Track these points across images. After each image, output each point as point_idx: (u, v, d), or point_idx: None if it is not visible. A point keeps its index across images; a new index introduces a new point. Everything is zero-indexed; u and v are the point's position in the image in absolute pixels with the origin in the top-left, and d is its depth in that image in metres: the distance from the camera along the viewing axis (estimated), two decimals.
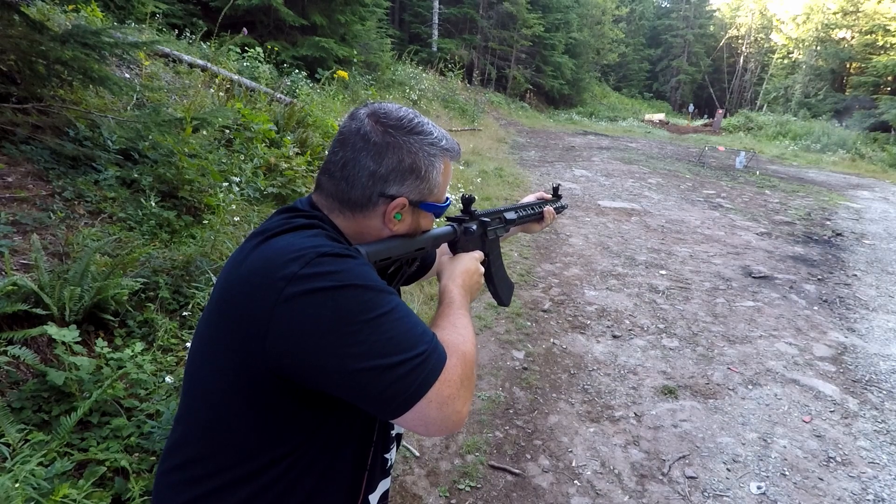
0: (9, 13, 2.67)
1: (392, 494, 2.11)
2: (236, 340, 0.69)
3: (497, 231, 1.15)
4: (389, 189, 0.79)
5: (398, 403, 0.66)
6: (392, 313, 0.67)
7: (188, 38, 7.05)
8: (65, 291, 2.01)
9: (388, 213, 0.80)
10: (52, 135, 2.90)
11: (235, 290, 0.70)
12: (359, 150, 0.78)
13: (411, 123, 0.81)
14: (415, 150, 0.80)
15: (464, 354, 0.74)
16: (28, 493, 1.39)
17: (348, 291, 0.65)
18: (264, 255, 0.69)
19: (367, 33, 11.45)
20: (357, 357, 0.64)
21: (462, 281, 0.92)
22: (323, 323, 0.64)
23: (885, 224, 7.98)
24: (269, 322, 0.65)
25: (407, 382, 0.65)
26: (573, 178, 9.28)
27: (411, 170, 0.80)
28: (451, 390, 0.69)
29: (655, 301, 4.26)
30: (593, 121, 23.62)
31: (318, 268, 0.65)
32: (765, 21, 41.52)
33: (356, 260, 0.70)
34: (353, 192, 0.79)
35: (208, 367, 0.75)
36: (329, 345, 0.64)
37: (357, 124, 0.80)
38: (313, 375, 0.66)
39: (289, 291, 0.64)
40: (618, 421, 2.72)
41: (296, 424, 0.72)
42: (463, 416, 0.71)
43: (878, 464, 2.53)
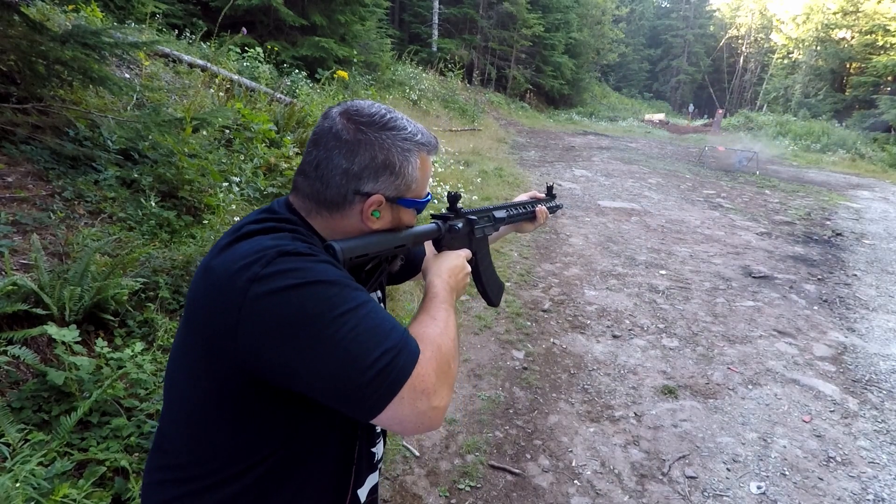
0: (9, 13, 2.67)
1: (392, 494, 2.11)
2: (207, 344, 0.69)
3: (485, 230, 1.12)
4: (364, 186, 0.78)
5: (370, 404, 0.64)
6: (359, 309, 0.66)
7: (188, 38, 7.06)
8: (65, 291, 2.01)
9: (364, 211, 0.80)
10: (52, 135, 2.90)
11: (202, 295, 0.70)
12: (331, 148, 0.77)
13: (383, 119, 0.79)
14: (387, 145, 0.78)
15: (439, 347, 0.72)
16: (28, 492, 1.39)
17: (312, 288, 0.64)
18: (229, 258, 0.69)
19: (367, 33, 11.46)
20: (324, 357, 0.63)
21: (448, 277, 0.90)
22: (289, 321, 0.63)
23: (885, 224, 7.98)
24: (237, 324, 0.64)
25: (377, 382, 0.63)
26: (573, 178, 9.28)
27: (385, 166, 0.79)
28: (425, 385, 0.67)
29: (655, 301, 4.26)
30: (593, 121, 23.62)
31: (279, 265, 0.65)
32: (765, 21, 41.54)
33: (318, 257, 0.69)
34: (328, 191, 0.78)
35: (184, 372, 0.75)
36: (296, 344, 0.63)
37: (329, 123, 0.79)
38: (283, 376, 0.65)
39: (253, 292, 0.64)
40: (618, 421, 2.72)
41: (275, 424, 0.72)
42: (440, 412, 0.69)
43: (878, 464, 2.53)
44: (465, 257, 0.99)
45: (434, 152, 0.87)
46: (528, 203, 1.36)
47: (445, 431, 2.53)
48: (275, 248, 0.67)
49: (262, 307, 0.63)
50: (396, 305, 3.49)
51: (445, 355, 0.73)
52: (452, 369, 0.74)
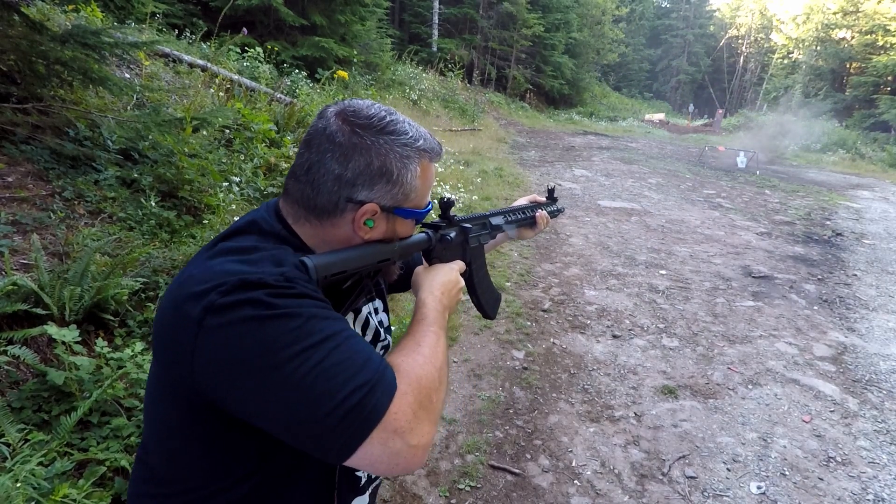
0: (9, 13, 2.67)
1: (392, 494, 2.11)
2: (167, 369, 0.66)
3: (480, 238, 1.04)
4: (357, 194, 0.72)
5: (338, 448, 0.58)
6: (326, 343, 0.59)
7: (188, 38, 7.05)
8: (65, 291, 2.01)
9: (357, 221, 0.74)
10: (52, 135, 2.90)
11: (165, 317, 0.66)
12: (324, 151, 0.72)
13: (382, 122, 0.73)
14: (384, 151, 0.72)
15: (419, 380, 0.65)
16: (28, 492, 1.39)
17: (271, 323, 0.58)
18: (193, 280, 0.64)
19: (367, 33, 11.45)
20: (284, 398, 0.57)
21: (440, 294, 0.84)
22: (244, 358, 0.58)
23: (885, 224, 7.98)
24: (192, 353, 0.60)
25: (346, 424, 0.57)
26: (573, 178, 9.28)
27: (381, 173, 0.72)
28: (400, 423, 0.60)
29: (655, 301, 4.26)
30: (593, 121, 23.62)
31: (238, 295, 0.59)
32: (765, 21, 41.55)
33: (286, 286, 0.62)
34: (319, 197, 0.72)
35: (154, 390, 0.72)
36: (253, 384, 0.58)
37: (324, 123, 0.73)
38: (242, 413, 0.61)
39: (208, 323, 0.59)
40: (618, 421, 2.72)
41: (246, 451, 0.68)
42: (420, 452, 0.62)
43: (878, 464, 2.53)
44: (458, 270, 0.92)
45: (437, 159, 0.80)
46: (526, 208, 1.27)
47: (445, 431, 2.53)
48: (238, 275, 0.61)
49: (217, 340, 0.59)
50: (396, 305, 3.49)
51: (427, 388, 0.66)
52: (435, 402, 0.67)
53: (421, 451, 0.62)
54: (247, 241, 0.70)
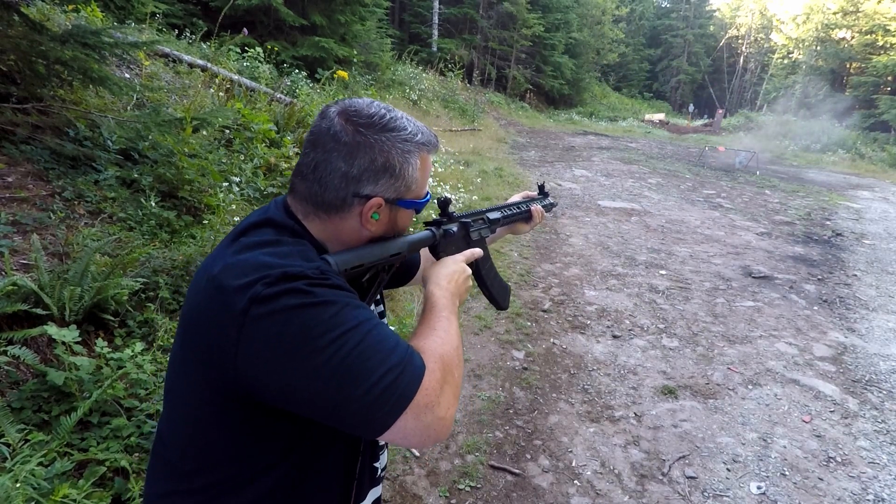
0: (9, 13, 2.67)
1: (392, 494, 2.11)
2: (205, 359, 0.68)
3: (481, 232, 1.11)
4: (363, 189, 0.77)
5: (376, 423, 0.64)
6: (360, 327, 0.65)
7: (188, 38, 7.05)
8: (65, 291, 2.01)
9: (364, 214, 0.78)
10: (52, 135, 2.90)
11: (202, 307, 0.69)
12: (329, 150, 0.76)
13: (383, 120, 0.77)
14: (387, 148, 0.77)
15: (442, 357, 0.72)
16: (28, 493, 1.39)
17: (313, 310, 0.63)
18: (231, 272, 0.67)
19: (367, 33, 11.45)
20: (327, 378, 0.62)
21: (447, 284, 0.88)
22: (290, 343, 0.62)
23: (885, 224, 7.98)
24: (237, 344, 0.64)
25: (382, 400, 0.63)
26: (573, 178, 9.28)
27: (385, 168, 0.77)
28: (430, 398, 0.66)
29: (655, 301, 4.26)
30: (593, 121, 23.62)
31: (282, 286, 0.64)
32: (765, 21, 41.55)
33: (322, 277, 0.67)
34: (327, 194, 0.77)
35: (182, 382, 0.74)
36: (298, 366, 0.62)
37: (327, 124, 0.77)
38: (284, 398, 0.65)
39: (254, 312, 0.63)
40: (618, 421, 2.72)
41: (273, 440, 0.71)
42: (447, 423, 0.68)
43: (878, 464, 2.53)
44: (463, 260, 0.97)
45: (434, 151, 0.85)
46: (521, 203, 1.33)
47: None
48: (280, 268, 0.66)
49: (263, 328, 0.63)
50: (396, 305, 3.49)
51: (449, 365, 0.72)
52: (456, 377, 0.73)
53: (448, 422, 0.69)
54: (267, 234, 0.74)
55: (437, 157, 7.73)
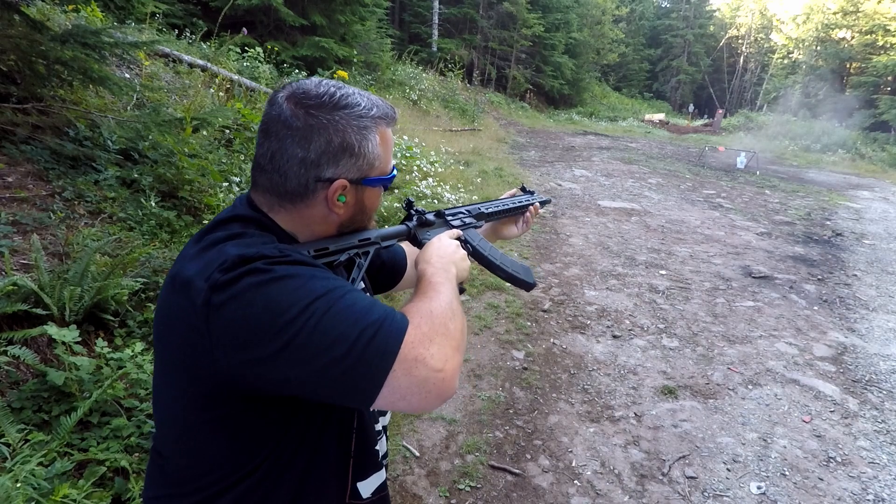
0: (9, 13, 2.67)
1: (392, 494, 2.11)
2: (182, 360, 0.67)
3: (463, 220, 1.06)
4: (325, 173, 0.74)
5: (364, 387, 0.62)
6: (329, 295, 0.63)
7: (188, 38, 7.06)
8: (65, 291, 2.01)
9: (330, 198, 0.75)
10: (52, 135, 2.90)
11: (171, 310, 0.68)
12: (283, 138, 0.72)
13: (333, 99, 0.73)
14: (342, 126, 0.73)
15: (429, 311, 0.70)
16: (28, 493, 1.39)
17: (275, 284, 0.62)
18: (192, 269, 0.66)
19: (367, 33, 11.46)
20: (303, 350, 0.60)
21: (437, 260, 0.86)
22: (256, 323, 0.60)
23: (885, 224, 7.98)
24: (209, 335, 0.62)
25: (365, 361, 0.61)
26: (573, 178, 9.28)
27: (343, 149, 0.74)
28: (418, 350, 0.63)
29: (655, 301, 4.26)
30: (593, 121, 23.62)
31: (239, 269, 0.62)
32: (765, 21, 41.56)
33: (282, 255, 0.66)
34: (288, 183, 0.74)
35: (167, 390, 0.73)
36: (273, 346, 0.60)
37: (277, 110, 0.73)
38: (270, 383, 0.63)
39: (216, 300, 0.61)
40: (618, 421, 2.72)
41: (265, 428, 0.70)
42: (447, 376, 0.65)
43: (878, 464, 2.53)
44: (451, 236, 0.95)
45: (393, 123, 0.81)
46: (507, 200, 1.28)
47: (445, 431, 2.53)
48: (236, 254, 0.64)
49: (228, 314, 0.61)
50: (396, 305, 3.48)
51: (440, 317, 0.70)
52: (451, 329, 0.69)
53: (449, 377, 0.65)
54: (233, 228, 0.73)
55: (438, 157, 7.73)
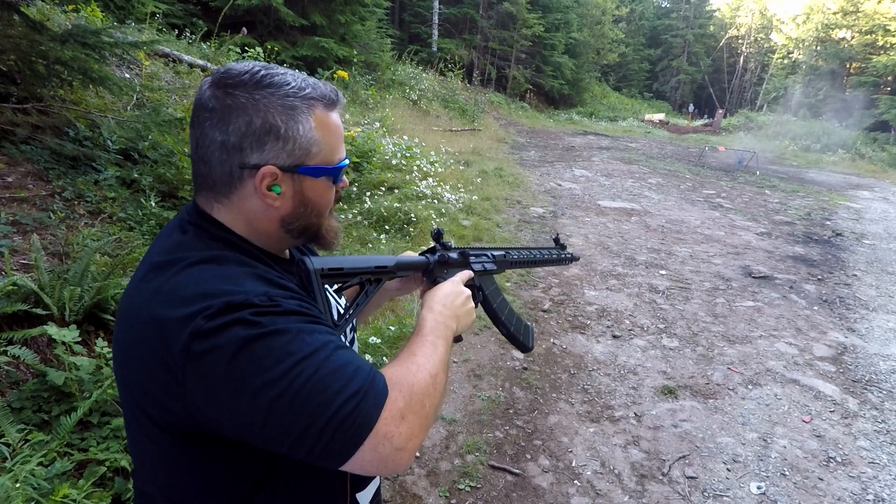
0: (9, 13, 2.67)
1: (392, 494, 2.11)
2: (153, 399, 0.62)
3: (485, 265, 1.03)
4: (249, 158, 0.67)
5: (336, 455, 0.59)
6: (315, 355, 0.59)
7: (188, 38, 7.06)
8: (65, 291, 2.01)
9: (259, 189, 0.68)
10: (52, 135, 2.90)
11: (137, 346, 0.62)
12: (202, 122, 0.67)
13: (256, 76, 0.67)
14: (264, 106, 0.66)
15: (410, 386, 0.66)
16: (28, 493, 1.39)
17: (261, 342, 0.58)
18: (164, 300, 0.61)
19: (367, 33, 11.47)
20: (283, 413, 0.57)
21: (441, 307, 0.82)
22: (239, 379, 0.57)
23: (885, 224, 7.98)
24: (183, 384, 0.58)
25: (342, 432, 0.58)
26: (573, 178, 9.28)
27: (266, 130, 0.66)
28: (389, 428, 0.61)
29: (655, 301, 4.26)
30: (593, 121, 23.62)
31: (225, 318, 0.58)
32: (765, 21, 41.56)
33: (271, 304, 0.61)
34: (213, 172, 0.68)
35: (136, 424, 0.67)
36: (251, 402, 0.57)
37: (199, 95, 0.68)
38: (242, 434, 0.60)
39: (197, 348, 0.57)
40: (618, 421, 2.72)
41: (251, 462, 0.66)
42: (405, 455, 0.62)
43: (878, 464, 2.53)
44: (460, 282, 0.90)
45: (335, 106, 0.73)
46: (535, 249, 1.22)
47: (445, 431, 2.53)
48: (222, 296, 0.59)
49: (209, 365, 0.57)
50: (396, 305, 3.49)
51: (419, 393, 0.66)
52: (426, 407, 0.66)
53: (407, 455, 0.63)
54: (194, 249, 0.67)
55: (438, 157, 7.73)
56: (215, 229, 0.70)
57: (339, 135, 0.74)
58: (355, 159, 5.76)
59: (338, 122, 0.74)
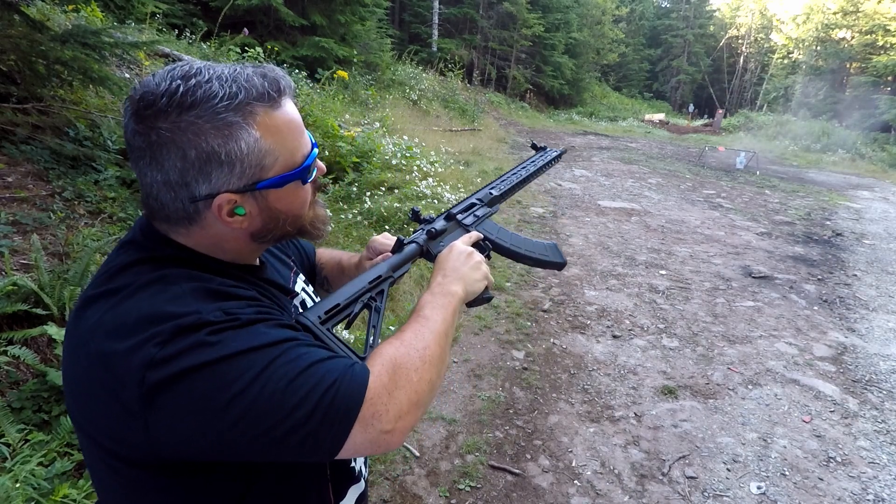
0: (9, 13, 2.67)
1: (392, 494, 2.11)
2: (110, 434, 0.58)
3: (475, 213, 0.99)
4: (197, 191, 0.60)
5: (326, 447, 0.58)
6: (283, 356, 0.57)
7: (188, 38, 7.06)
8: (65, 291, 2.01)
9: (220, 218, 0.62)
10: (52, 135, 2.90)
11: (84, 381, 0.58)
12: (136, 161, 0.60)
13: (174, 99, 0.57)
14: (193, 134, 0.57)
15: (394, 360, 0.63)
16: (28, 493, 1.39)
17: (223, 363, 0.54)
18: (109, 330, 0.56)
19: (367, 33, 11.47)
20: (257, 421, 0.54)
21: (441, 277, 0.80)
22: (204, 401, 0.54)
23: (885, 224, 7.98)
24: (143, 419, 0.54)
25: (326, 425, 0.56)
26: (573, 178, 9.28)
27: (206, 160, 0.59)
28: (376, 407, 0.59)
29: (655, 301, 4.26)
30: (593, 121, 23.62)
31: (179, 343, 0.54)
32: (765, 21, 41.56)
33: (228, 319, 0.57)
34: (167, 209, 0.62)
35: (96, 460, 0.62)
36: (221, 423, 0.54)
37: (125, 126, 0.61)
38: (222, 454, 0.57)
39: (151, 378, 0.53)
40: (618, 421, 2.72)
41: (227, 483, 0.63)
42: (398, 433, 0.60)
43: (878, 464, 2.53)
44: (467, 242, 0.88)
45: (279, 100, 0.63)
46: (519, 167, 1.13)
47: (445, 431, 2.53)
48: (171, 320, 0.55)
49: (169, 395, 0.53)
50: (397, 305, 3.49)
51: (405, 366, 0.64)
52: (416, 381, 0.63)
53: (398, 432, 0.61)
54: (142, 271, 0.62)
55: (438, 157, 7.73)
56: (170, 250, 0.65)
57: (296, 129, 0.65)
58: (355, 159, 5.76)
59: (290, 116, 0.64)
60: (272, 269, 0.81)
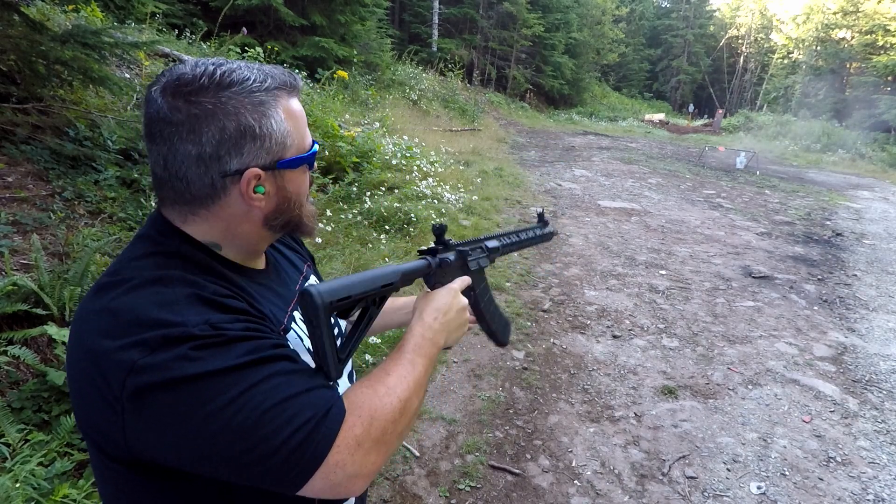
0: (9, 13, 2.67)
1: (392, 494, 2.11)
2: (96, 435, 0.61)
3: (480, 262, 1.01)
4: (230, 165, 0.64)
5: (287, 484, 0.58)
6: (263, 384, 0.57)
7: (188, 38, 7.06)
8: (65, 291, 2.01)
9: (246, 194, 0.66)
10: (52, 135, 2.90)
11: (78, 377, 0.60)
12: (169, 137, 0.62)
13: (214, 78, 0.62)
14: (233, 107, 0.62)
15: (372, 412, 0.63)
16: (28, 493, 1.39)
17: (204, 380, 0.55)
18: (98, 326, 0.58)
19: (367, 33, 11.47)
20: (228, 443, 0.55)
21: (432, 319, 0.79)
22: (181, 416, 0.55)
23: (885, 224, 7.98)
24: (122, 423, 0.56)
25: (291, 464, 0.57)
26: (573, 178, 9.28)
27: (242, 133, 0.63)
28: (343, 457, 0.59)
29: (655, 301, 4.26)
30: (593, 121, 23.63)
31: (162, 355, 0.55)
32: (765, 21, 41.57)
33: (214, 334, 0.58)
34: (193, 187, 0.64)
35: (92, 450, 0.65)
36: (193, 436, 0.55)
37: (154, 108, 0.63)
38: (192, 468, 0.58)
39: (132, 383, 0.54)
40: (618, 421, 2.72)
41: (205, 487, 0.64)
42: (360, 482, 0.61)
43: (878, 464, 2.53)
44: (459, 289, 0.88)
45: (295, 92, 0.71)
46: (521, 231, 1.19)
47: (445, 431, 2.53)
48: (159, 328, 0.56)
49: (147, 402, 0.55)
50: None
51: (380, 420, 0.64)
52: (390, 434, 0.64)
53: (361, 481, 0.61)
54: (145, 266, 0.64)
55: (438, 157, 7.73)
56: (177, 244, 0.67)
57: (305, 120, 0.73)
58: (355, 159, 5.76)
59: (301, 108, 0.72)
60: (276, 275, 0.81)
